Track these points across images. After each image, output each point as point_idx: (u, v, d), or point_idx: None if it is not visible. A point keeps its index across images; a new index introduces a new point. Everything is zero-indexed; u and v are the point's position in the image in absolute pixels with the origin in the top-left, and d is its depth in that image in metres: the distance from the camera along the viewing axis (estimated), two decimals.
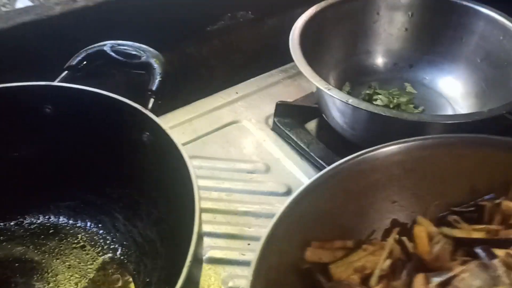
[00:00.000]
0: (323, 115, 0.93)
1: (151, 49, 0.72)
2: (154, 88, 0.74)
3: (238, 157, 0.94)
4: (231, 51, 1.14)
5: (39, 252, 0.72)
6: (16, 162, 0.72)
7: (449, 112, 0.96)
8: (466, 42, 0.98)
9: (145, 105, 0.70)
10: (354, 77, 1.02)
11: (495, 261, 0.51)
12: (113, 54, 0.72)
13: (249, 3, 1.14)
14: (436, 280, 0.53)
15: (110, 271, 0.71)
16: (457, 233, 0.60)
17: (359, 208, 0.64)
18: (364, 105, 0.75)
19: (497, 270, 0.50)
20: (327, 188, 0.62)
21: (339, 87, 1.01)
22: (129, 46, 0.73)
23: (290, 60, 0.89)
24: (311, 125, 1.01)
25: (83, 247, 0.74)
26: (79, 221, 0.77)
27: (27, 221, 0.76)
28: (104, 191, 0.77)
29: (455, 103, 0.98)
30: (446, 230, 0.60)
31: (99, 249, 0.73)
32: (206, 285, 0.73)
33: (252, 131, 1.00)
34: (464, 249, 0.56)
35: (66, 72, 0.73)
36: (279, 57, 1.04)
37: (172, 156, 0.62)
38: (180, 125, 1.03)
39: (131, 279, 0.69)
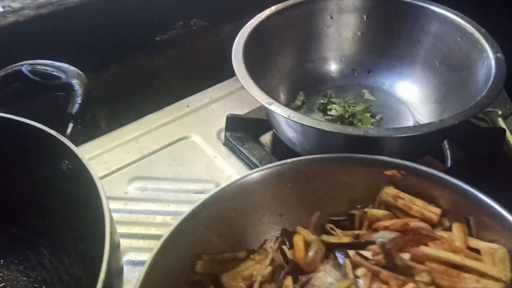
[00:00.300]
0: (273, 129, 0.96)
1: (72, 68, 0.72)
2: (73, 111, 0.72)
3: (187, 177, 0.94)
4: (185, 61, 1.09)
5: None
6: None
7: (409, 119, 0.95)
8: (423, 45, 0.96)
9: (63, 132, 0.68)
10: (309, 86, 1.02)
11: (345, 260, 0.60)
12: (30, 75, 0.71)
13: (202, 10, 1.09)
14: (302, 280, 0.62)
15: None
16: (332, 239, 0.69)
17: (249, 223, 0.73)
18: (307, 121, 0.76)
19: (346, 268, 0.59)
20: (217, 209, 0.70)
21: (293, 97, 0.98)
22: (48, 65, 0.71)
23: None
24: (266, 138, 0.98)
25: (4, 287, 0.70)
26: (2, 259, 0.74)
27: None
28: (28, 224, 0.74)
29: (415, 110, 0.97)
30: (325, 237, 0.70)
31: None
32: None
33: (202, 147, 0.97)
34: (333, 253, 0.65)
35: None
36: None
37: (90, 188, 0.61)
38: (125, 144, 1.05)
39: None
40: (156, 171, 0.98)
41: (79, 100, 0.70)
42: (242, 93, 1.18)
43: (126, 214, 0.90)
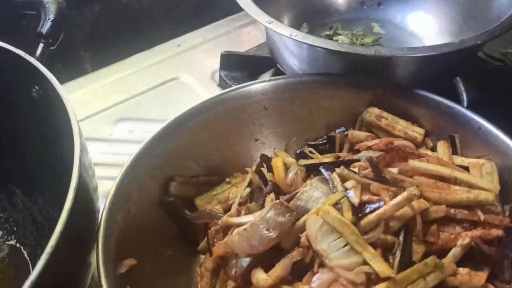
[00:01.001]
0: (278, 65, 0.92)
1: None
2: (44, 31, 0.67)
3: None
4: (176, 0, 0.99)
5: None
6: None
7: None
8: None
9: (33, 53, 0.65)
10: (314, 18, 1.00)
11: (333, 174, 0.60)
12: None
13: None
14: (284, 197, 0.61)
15: (0, 256, 0.64)
16: (311, 162, 0.68)
17: (223, 146, 0.72)
18: (311, 40, 0.72)
19: (334, 181, 0.58)
20: (188, 127, 0.69)
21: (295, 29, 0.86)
22: None
23: (241, 8, 0.83)
24: (264, 78, 0.86)
25: None
26: None
27: None
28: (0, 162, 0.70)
29: (429, 43, 0.84)
30: (302, 161, 0.69)
31: None
32: None
33: (194, 88, 0.91)
34: (315, 173, 0.64)
35: None
36: (228, 4, 0.99)
37: (63, 116, 0.56)
38: (111, 83, 0.99)
39: (24, 266, 0.63)
40: (144, 113, 0.93)
41: (51, 17, 0.67)
42: (238, 32, 1.11)
43: (112, 156, 0.84)
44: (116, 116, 0.93)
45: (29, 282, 0.42)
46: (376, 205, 0.54)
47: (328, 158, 0.68)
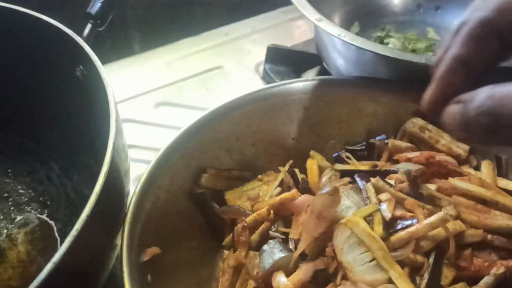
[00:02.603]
0: (324, 63, 0.90)
1: None
2: (93, 11, 0.68)
3: None
4: None
5: None
6: None
7: None
8: None
9: (80, 32, 0.65)
10: (366, 18, 0.98)
11: (367, 185, 0.58)
12: None
13: None
14: None
15: (31, 229, 0.66)
16: (348, 168, 0.67)
17: (259, 143, 0.71)
18: (359, 42, 0.70)
19: (368, 192, 0.57)
20: (227, 120, 0.69)
21: (346, 28, 0.84)
22: None
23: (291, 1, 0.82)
24: (309, 75, 0.89)
25: (7, 198, 0.69)
26: (10, 168, 0.72)
27: None
28: (41, 136, 0.72)
29: None
30: (338, 165, 0.67)
31: (25, 202, 0.68)
32: None
33: (237, 78, 0.91)
34: (350, 181, 0.62)
35: None
36: None
37: (103, 98, 0.56)
38: (156, 66, 1.01)
39: (53, 241, 0.65)
40: (185, 99, 0.93)
41: None
42: (288, 26, 1.10)
43: (148, 140, 0.85)
44: (157, 99, 0.94)
45: (52, 262, 0.43)
46: (409, 222, 0.52)
47: (364, 166, 0.66)
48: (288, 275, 0.54)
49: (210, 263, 0.63)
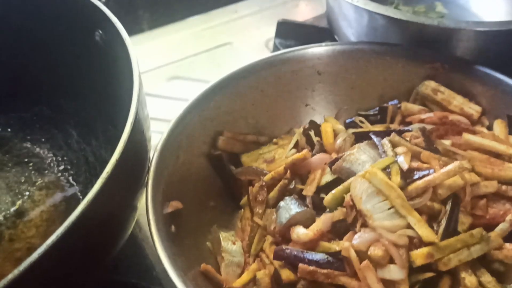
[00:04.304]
0: (335, 36, 0.91)
1: None
2: None
3: None
4: None
5: None
6: None
7: None
8: None
9: None
10: None
11: (383, 140, 0.59)
12: None
13: None
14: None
15: (53, 191, 0.67)
16: (354, 130, 0.68)
17: (273, 109, 0.73)
18: (372, 6, 0.71)
19: (384, 147, 0.58)
20: (242, 85, 0.70)
21: None
22: None
23: None
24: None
25: (28, 163, 0.71)
26: (29, 135, 0.74)
27: None
28: (58, 103, 0.74)
29: None
30: (352, 130, 0.68)
31: (45, 166, 0.70)
32: None
33: (248, 54, 0.95)
34: (363, 140, 0.64)
35: None
36: None
37: (123, 62, 0.58)
38: (167, 42, 1.02)
39: (74, 202, 0.66)
40: (197, 74, 0.94)
41: None
42: (296, 3, 1.11)
43: (163, 112, 0.87)
44: (169, 74, 0.95)
45: (75, 214, 0.43)
46: (426, 172, 0.54)
47: (378, 128, 0.67)
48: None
49: (229, 222, 0.66)
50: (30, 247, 0.62)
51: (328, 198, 0.56)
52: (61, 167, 0.70)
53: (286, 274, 0.55)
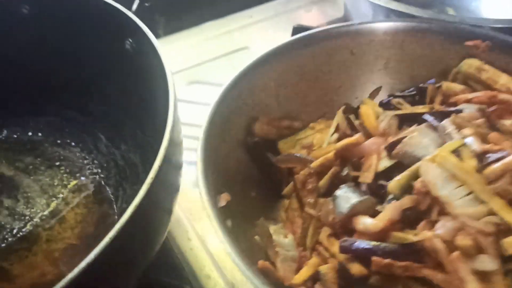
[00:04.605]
0: None
1: None
2: None
3: None
4: None
5: (12, 168, 0.72)
6: None
7: None
8: None
9: (129, 7, 0.70)
10: None
11: (445, 121, 0.56)
12: None
13: None
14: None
15: (85, 193, 0.70)
16: (399, 112, 0.64)
17: (308, 91, 0.70)
18: (394, 5, 0.71)
19: (446, 129, 0.55)
20: (275, 67, 0.67)
21: None
22: None
23: None
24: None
25: (59, 167, 0.74)
26: (58, 139, 0.77)
27: (3, 135, 0.76)
28: (87, 108, 0.76)
29: None
30: (390, 112, 0.65)
31: (77, 169, 0.73)
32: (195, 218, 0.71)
33: None
34: (410, 124, 0.61)
35: None
36: None
37: (156, 70, 0.59)
38: (185, 48, 1.02)
39: (107, 204, 0.69)
40: (214, 78, 0.96)
41: None
42: (309, 8, 1.13)
43: (186, 116, 0.89)
44: (188, 79, 0.94)
45: (124, 218, 0.44)
46: (500, 154, 0.50)
47: (421, 110, 0.64)
48: None
49: (272, 213, 0.62)
50: (67, 247, 0.64)
51: (393, 185, 0.53)
52: (92, 170, 0.73)
53: (357, 269, 0.51)
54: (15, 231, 0.66)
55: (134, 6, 0.70)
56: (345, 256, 0.52)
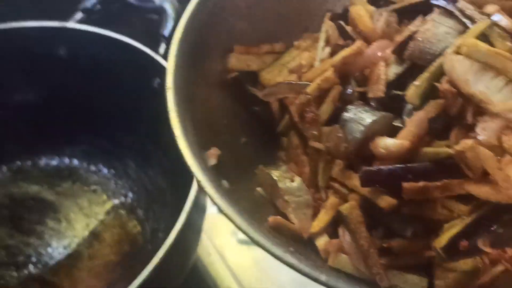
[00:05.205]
0: None
1: None
2: (166, 33, 0.78)
3: None
4: None
5: (53, 193, 0.79)
6: (30, 103, 0.80)
7: None
8: None
9: (156, 50, 0.75)
10: None
11: (460, 2, 0.47)
12: None
13: None
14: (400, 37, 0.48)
15: (120, 214, 0.77)
16: (396, 6, 0.54)
17: (281, 6, 0.58)
18: None
19: (465, 10, 0.46)
20: None
21: None
22: None
23: None
24: None
25: (95, 190, 0.80)
26: (92, 166, 0.84)
27: (42, 162, 0.83)
28: (116, 137, 0.83)
29: None
30: (386, 8, 0.53)
31: (110, 193, 0.80)
32: (213, 234, 0.75)
33: None
34: (411, 17, 0.51)
35: (80, 13, 0.80)
36: None
37: None
38: None
39: (139, 224, 0.75)
40: None
41: (171, 22, 0.78)
42: None
43: None
44: None
45: (168, 243, 0.52)
46: None
47: None
48: None
49: (267, 156, 0.52)
50: (108, 264, 0.71)
51: (411, 93, 0.43)
52: (124, 193, 0.79)
53: (386, 201, 0.42)
54: (60, 249, 0.74)
55: (162, 50, 0.77)
56: (368, 188, 0.43)
